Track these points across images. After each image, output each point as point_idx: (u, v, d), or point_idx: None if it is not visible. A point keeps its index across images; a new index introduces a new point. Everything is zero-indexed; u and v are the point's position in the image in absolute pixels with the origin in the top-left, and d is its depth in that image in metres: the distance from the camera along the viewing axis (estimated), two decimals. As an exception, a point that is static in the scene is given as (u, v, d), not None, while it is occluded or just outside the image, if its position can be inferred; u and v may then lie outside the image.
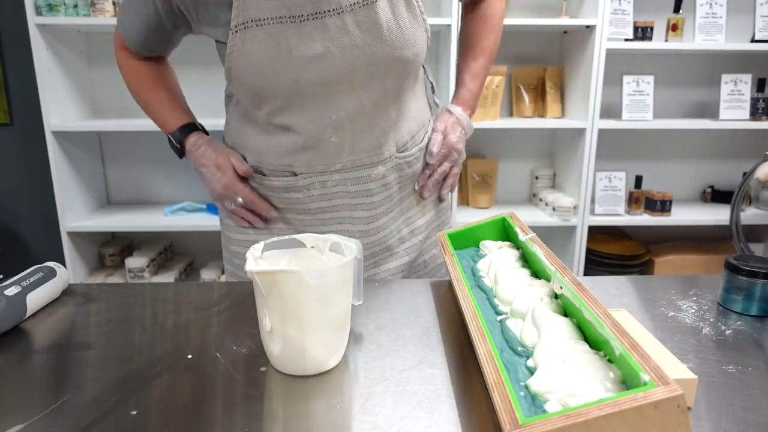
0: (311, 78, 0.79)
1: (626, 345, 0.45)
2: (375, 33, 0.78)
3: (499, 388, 0.45)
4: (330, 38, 0.77)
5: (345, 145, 0.86)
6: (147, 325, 0.72)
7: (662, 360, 0.55)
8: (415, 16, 0.82)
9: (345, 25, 0.77)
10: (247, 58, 0.77)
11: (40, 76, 2.01)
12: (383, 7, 0.78)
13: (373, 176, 0.89)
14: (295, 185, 0.89)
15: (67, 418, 0.51)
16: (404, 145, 0.92)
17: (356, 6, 0.76)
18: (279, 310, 0.57)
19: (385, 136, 0.88)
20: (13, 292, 0.69)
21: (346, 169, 0.88)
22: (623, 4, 2.12)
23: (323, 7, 0.75)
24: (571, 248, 2.29)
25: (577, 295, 0.54)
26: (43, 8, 1.97)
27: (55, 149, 2.08)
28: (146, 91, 0.98)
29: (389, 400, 0.54)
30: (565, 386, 0.45)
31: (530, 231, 0.74)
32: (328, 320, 0.58)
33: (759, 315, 0.73)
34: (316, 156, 0.86)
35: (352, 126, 0.85)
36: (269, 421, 0.52)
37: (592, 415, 0.38)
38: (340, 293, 0.59)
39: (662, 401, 0.38)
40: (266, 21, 0.75)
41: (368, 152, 0.87)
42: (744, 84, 2.24)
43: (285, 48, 0.76)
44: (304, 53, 0.77)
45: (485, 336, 0.53)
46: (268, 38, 0.76)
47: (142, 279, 2.26)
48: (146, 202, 2.49)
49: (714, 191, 2.55)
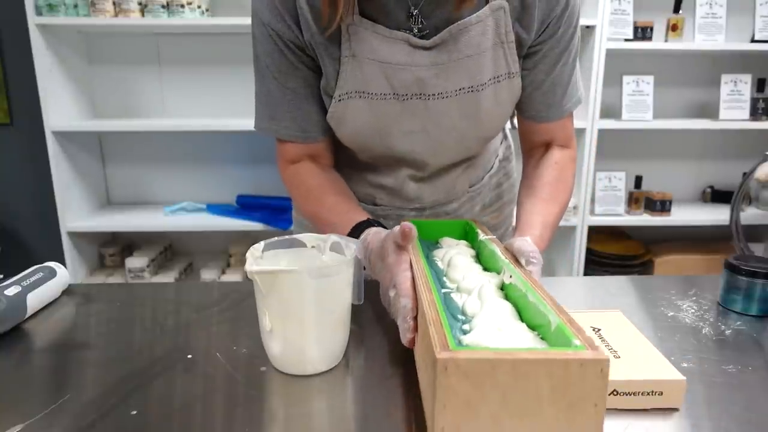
0: (405, 149, 0.82)
1: (564, 320, 0.46)
2: (474, 117, 0.79)
3: (435, 325, 0.46)
4: (429, 118, 0.78)
5: (425, 193, 0.91)
6: (147, 325, 0.72)
7: (652, 360, 0.56)
8: (513, 96, 0.80)
9: (447, 109, 0.77)
10: (348, 123, 0.79)
11: (40, 76, 2.01)
12: (488, 94, 0.77)
13: (448, 210, 0.95)
14: (374, 213, 0.94)
15: (67, 418, 0.51)
16: (479, 181, 0.96)
17: (461, 92, 0.76)
18: (279, 309, 0.56)
19: (461, 178, 0.93)
20: (14, 292, 0.69)
21: (423, 207, 0.93)
22: (623, 4, 2.12)
23: (428, 90, 0.76)
24: (571, 248, 2.29)
25: (524, 281, 0.55)
26: (43, 8, 1.97)
27: (55, 149, 2.08)
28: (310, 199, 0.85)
29: (390, 400, 0.54)
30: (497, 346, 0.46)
31: (491, 234, 0.75)
32: (328, 320, 0.58)
33: (759, 315, 0.73)
34: (395, 196, 0.92)
35: (432, 180, 0.90)
36: (269, 422, 0.52)
37: (520, 357, 0.40)
38: (341, 293, 0.59)
39: (589, 361, 0.40)
40: (371, 95, 0.76)
41: (444, 193, 0.93)
42: (744, 84, 2.24)
43: (384, 121, 0.78)
44: (401, 128, 0.79)
45: (431, 287, 0.54)
46: (370, 110, 0.77)
47: (142, 279, 2.26)
48: (146, 202, 2.49)
49: (714, 191, 2.55)
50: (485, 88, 0.76)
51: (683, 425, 0.51)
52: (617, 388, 0.52)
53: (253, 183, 2.47)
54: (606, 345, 0.59)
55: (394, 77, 0.75)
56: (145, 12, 2.03)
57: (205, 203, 2.40)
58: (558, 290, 0.86)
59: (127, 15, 2.00)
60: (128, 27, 2.13)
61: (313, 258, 0.66)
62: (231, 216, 2.27)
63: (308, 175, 0.85)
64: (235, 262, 2.39)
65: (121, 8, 2.00)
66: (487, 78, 0.76)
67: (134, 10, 2.01)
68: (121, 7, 2.00)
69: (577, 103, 0.86)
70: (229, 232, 2.27)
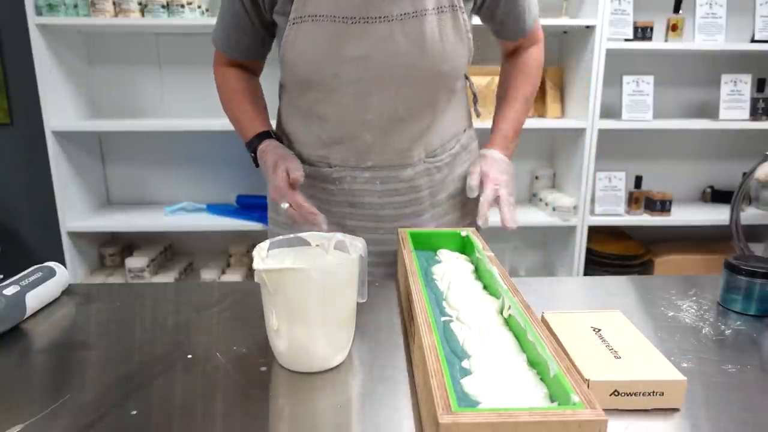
0: (351, 76, 0.84)
1: (563, 368, 0.47)
2: (419, 44, 0.82)
3: (437, 376, 0.47)
4: (375, 43, 0.81)
5: (376, 144, 0.92)
6: (147, 325, 0.72)
7: (653, 361, 0.56)
8: (460, 32, 0.85)
9: (391, 33, 0.81)
10: (299, 49, 0.84)
11: (40, 76, 2.01)
12: (431, 21, 0.82)
13: (401, 177, 0.95)
14: (329, 176, 0.96)
15: (67, 418, 0.51)
16: (434, 151, 0.97)
17: (405, 17, 0.80)
18: (285, 307, 0.57)
19: (416, 141, 0.93)
20: (12, 291, 0.69)
21: (376, 167, 0.93)
22: (623, 4, 2.12)
23: (372, 13, 0.80)
24: (571, 248, 2.29)
25: (523, 315, 0.56)
26: (43, 8, 1.97)
27: (55, 149, 2.08)
28: (232, 102, 1.01)
29: (389, 400, 0.54)
30: (497, 393, 0.48)
31: (489, 250, 0.76)
32: (334, 317, 0.59)
33: (758, 315, 0.73)
34: (350, 151, 0.93)
35: (384, 127, 0.90)
36: (270, 422, 0.52)
37: (522, 419, 0.41)
38: (346, 291, 0.60)
39: (587, 422, 0.41)
40: (320, 18, 0.81)
41: (398, 154, 0.93)
42: (744, 84, 2.24)
43: (333, 44, 0.82)
44: (348, 52, 0.82)
45: (432, 329, 0.55)
46: (320, 33, 0.82)
47: (142, 279, 2.26)
48: (146, 202, 2.49)
49: (714, 191, 2.55)
50: (428, 14, 0.81)
51: (683, 425, 0.51)
52: (618, 389, 0.52)
53: (253, 183, 2.47)
54: (606, 345, 0.59)
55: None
56: (145, 12, 2.03)
57: (205, 203, 2.39)
58: (558, 290, 0.86)
59: (127, 15, 2.00)
60: (128, 27, 2.12)
61: (318, 256, 0.67)
62: (231, 216, 2.27)
63: (234, 79, 1.00)
64: (235, 262, 2.39)
65: (121, 8, 2.00)
66: (431, 6, 0.82)
67: (134, 10, 2.01)
68: (121, 7, 2.00)
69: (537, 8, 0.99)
70: (229, 232, 2.27)
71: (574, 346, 0.58)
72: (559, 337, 0.60)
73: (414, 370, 0.58)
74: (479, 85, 2.18)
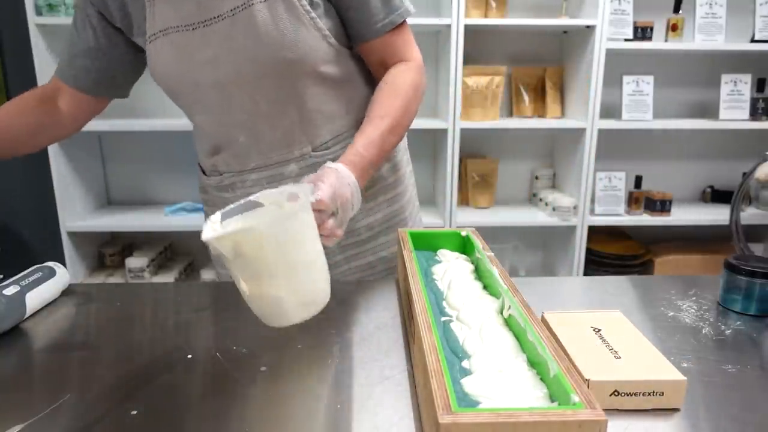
0: (208, 81, 0.84)
1: (563, 368, 0.47)
2: (253, 36, 0.81)
3: (437, 376, 0.47)
4: (218, 43, 0.82)
5: (252, 145, 0.90)
6: (147, 325, 0.72)
7: (653, 361, 0.56)
8: (298, 16, 0.82)
9: (229, 31, 0.81)
10: (160, 64, 0.86)
11: (40, 76, 2.01)
12: (261, 10, 0.80)
13: (286, 174, 0.91)
14: (221, 184, 0.96)
15: (67, 418, 0.51)
16: (323, 144, 0.92)
17: (236, 11, 0.80)
18: (248, 269, 0.57)
19: (293, 135, 0.90)
20: (12, 291, 0.69)
21: (260, 168, 0.92)
22: (623, 4, 2.12)
23: (208, 15, 0.81)
24: (571, 248, 2.29)
25: (523, 314, 0.57)
26: (43, 8, 1.97)
27: (55, 149, 2.08)
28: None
29: (389, 400, 0.54)
30: (497, 393, 0.48)
31: (489, 250, 0.76)
32: (298, 265, 0.59)
33: (758, 315, 0.73)
34: (231, 156, 0.92)
35: (255, 127, 0.89)
36: (269, 422, 0.52)
37: (522, 419, 0.41)
38: (304, 238, 0.60)
39: (587, 422, 0.41)
40: (170, 30, 0.83)
41: (277, 151, 0.90)
42: (744, 84, 2.24)
43: (185, 54, 0.83)
44: (199, 58, 0.83)
45: (432, 329, 0.55)
46: (172, 46, 0.83)
47: (142, 279, 2.26)
48: (146, 202, 2.49)
49: (714, 191, 2.55)
50: (256, 4, 0.80)
51: (683, 425, 0.51)
52: (618, 389, 0.52)
53: (253, 183, 2.47)
54: (606, 345, 0.59)
55: (181, 8, 0.81)
56: (145, 12, 2.03)
57: (205, 203, 2.40)
58: (558, 290, 0.86)
59: (127, 15, 2.00)
60: (128, 27, 2.12)
61: (271, 213, 0.66)
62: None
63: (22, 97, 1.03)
64: (235, 262, 2.39)
65: (121, 8, 2.00)
66: None
67: (134, 10, 2.01)
68: (121, 7, 2.00)
69: (400, 17, 0.87)
70: (229, 232, 2.27)
71: (574, 346, 0.58)
72: (559, 337, 0.60)
73: (414, 370, 0.58)
74: (479, 85, 2.18)
